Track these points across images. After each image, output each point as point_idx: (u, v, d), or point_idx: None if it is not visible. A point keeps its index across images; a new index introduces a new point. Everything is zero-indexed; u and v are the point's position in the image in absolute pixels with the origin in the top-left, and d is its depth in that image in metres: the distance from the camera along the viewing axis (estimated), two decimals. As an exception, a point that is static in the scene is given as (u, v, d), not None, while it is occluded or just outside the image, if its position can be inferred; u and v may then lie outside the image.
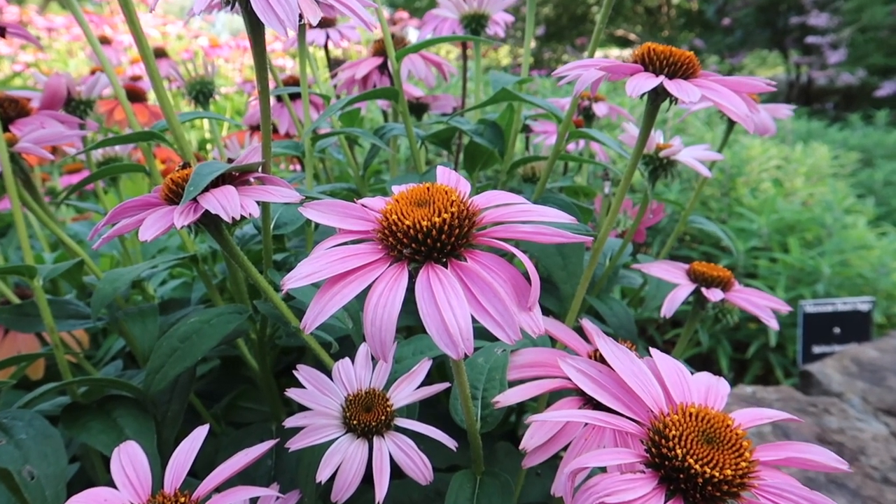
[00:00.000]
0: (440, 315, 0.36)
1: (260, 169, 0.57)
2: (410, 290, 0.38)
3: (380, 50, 1.10)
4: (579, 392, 0.54)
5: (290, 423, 0.52)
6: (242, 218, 0.73)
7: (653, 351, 0.47)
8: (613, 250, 0.86)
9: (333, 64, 1.34)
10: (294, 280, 0.38)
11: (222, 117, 0.73)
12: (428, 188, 0.41)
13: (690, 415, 0.40)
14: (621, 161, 2.08)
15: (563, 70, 0.57)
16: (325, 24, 1.22)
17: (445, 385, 0.56)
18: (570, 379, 0.55)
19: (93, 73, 1.42)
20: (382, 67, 1.11)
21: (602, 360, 0.56)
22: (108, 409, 0.66)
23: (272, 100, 1.54)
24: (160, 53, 1.72)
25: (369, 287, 0.38)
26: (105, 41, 2.41)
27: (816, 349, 1.95)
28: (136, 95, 1.26)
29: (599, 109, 1.08)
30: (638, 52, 0.56)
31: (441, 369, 0.87)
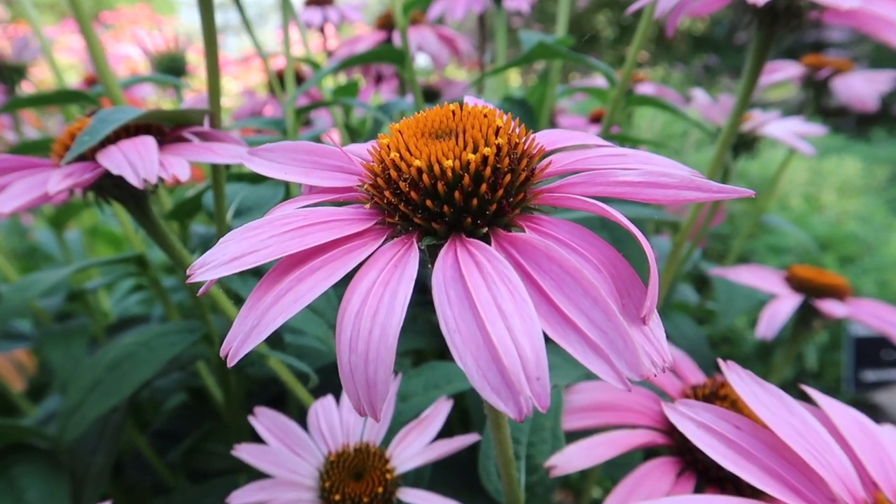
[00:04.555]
0: (483, 330, 0.18)
1: (207, 124, 0.40)
2: (421, 287, 0.21)
3: (384, 24, 0.95)
4: (676, 451, 0.36)
5: (236, 498, 0.34)
6: (194, 207, 0.57)
7: (814, 394, 0.29)
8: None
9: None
10: (209, 267, 0.21)
11: (171, 79, 0.56)
12: (453, 111, 0.24)
13: (929, 513, 0.22)
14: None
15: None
16: (323, 1, 1.07)
17: (472, 438, 0.38)
18: (663, 430, 0.37)
19: (86, 81, 1.28)
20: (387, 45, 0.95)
21: (709, 400, 0.39)
22: (6, 463, 0.48)
23: (261, 95, 1.38)
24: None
25: (348, 279, 0.21)
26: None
27: (871, 376, 1.77)
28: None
29: (644, 90, 0.91)
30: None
31: (456, 403, 0.69)
